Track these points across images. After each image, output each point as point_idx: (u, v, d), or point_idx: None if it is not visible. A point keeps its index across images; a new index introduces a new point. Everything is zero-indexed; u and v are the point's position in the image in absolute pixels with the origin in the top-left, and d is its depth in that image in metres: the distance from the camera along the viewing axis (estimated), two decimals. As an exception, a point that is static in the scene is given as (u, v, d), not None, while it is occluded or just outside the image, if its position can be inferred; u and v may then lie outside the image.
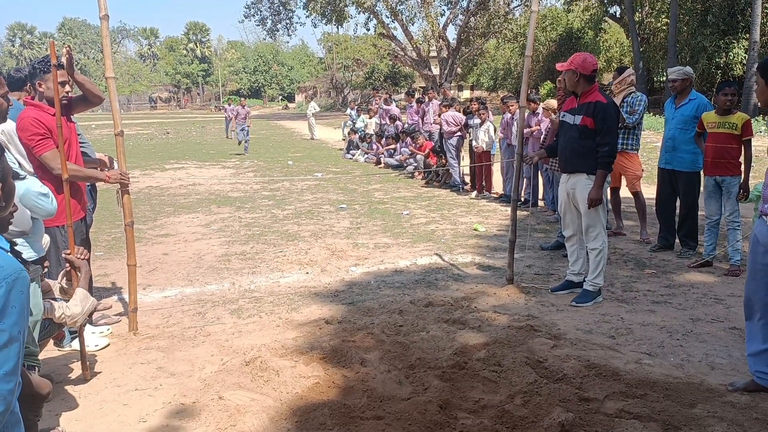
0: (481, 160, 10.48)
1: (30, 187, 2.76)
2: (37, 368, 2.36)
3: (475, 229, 7.85)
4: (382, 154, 15.23)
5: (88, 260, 4.27)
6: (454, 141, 11.16)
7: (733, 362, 3.85)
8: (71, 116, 4.24)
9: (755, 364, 3.45)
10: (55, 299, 3.20)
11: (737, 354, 3.94)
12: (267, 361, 3.78)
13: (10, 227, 2.39)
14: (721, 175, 5.71)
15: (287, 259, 6.54)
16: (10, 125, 3.74)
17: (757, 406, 3.23)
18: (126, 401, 3.48)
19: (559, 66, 5.02)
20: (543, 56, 35.51)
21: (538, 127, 8.64)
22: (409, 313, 4.73)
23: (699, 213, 6.41)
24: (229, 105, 26.94)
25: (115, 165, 4.71)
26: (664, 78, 24.97)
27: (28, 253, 2.80)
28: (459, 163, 11.35)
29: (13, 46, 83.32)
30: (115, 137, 4.34)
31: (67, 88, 4.05)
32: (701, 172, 6.19)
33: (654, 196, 6.88)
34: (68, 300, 3.12)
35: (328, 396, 3.42)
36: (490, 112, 10.71)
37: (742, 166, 5.69)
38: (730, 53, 23.46)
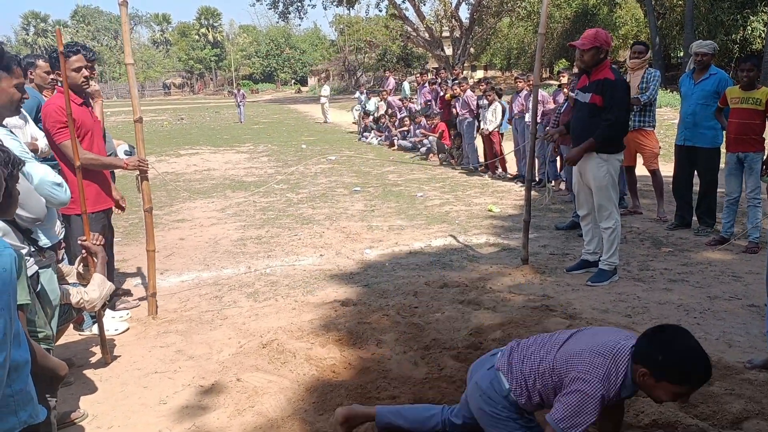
0: (490, 140, 10.42)
1: (44, 177, 2.79)
2: (52, 351, 2.41)
3: (489, 210, 7.83)
4: (396, 136, 15.18)
5: (112, 245, 4.33)
6: (470, 122, 11.07)
7: (751, 340, 3.82)
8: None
9: (774, 341, 3.42)
10: (73, 284, 3.25)
11: (755, 331, 3.91)
12: (284, 343, 3.81)
13: (25, 213, 2.43)
14: (744, 151, 5.61)
15: (302, 243, 6.57)
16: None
17: (775, 384, 3.21)
18: (146, 384, 3.54)
19: (578, 44, 4.87)
20: (557, 34, 34.99)
21: (555, 104, 8.55)
22: (424, 294, 4.75)
23: (717, 190, 6.33)
24: (239, 90, 27.89)
25: (124, 149, 4.78)
26: (681, 54, 24.58)
27: (42, 240, 2.83)
28: (475, 145, 11.27)
29: (28, 34, 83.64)
30: (134, 124, 4.36)
31: (85, 72, 4.09)
32: (721, 149, 6.10)
33: (670, 173, 6.80)
34: (86, 285, 3.17)
35: (345, 377, 3.45)
36: (496, 94, 10.60)
37: (767, 142, 5.60)
38: (748, 27, 22.98)
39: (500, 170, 10.48)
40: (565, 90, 8.13)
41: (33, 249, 2.55)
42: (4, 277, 1.69)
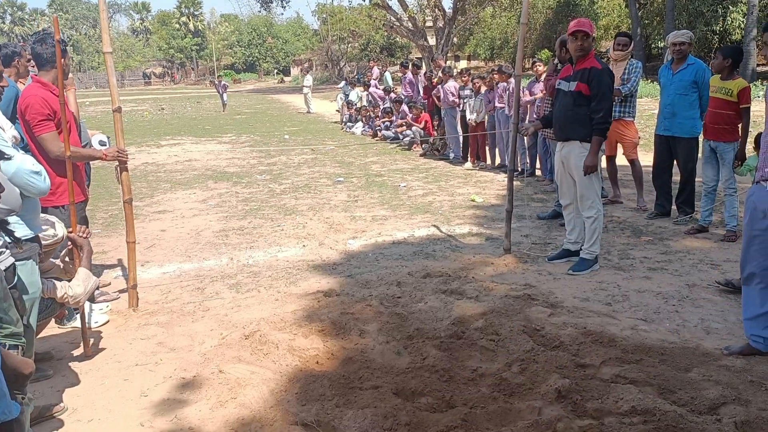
0: (475, 131, 10.44)
1: (21, 165, 2.72)
2: (20, 347, 2.36)
3: (472, 200, 7.85)
4: (379, 126, 15.15)
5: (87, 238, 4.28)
6: (453, 112, 11.07)
7: (729, 326, 3.88)
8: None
9: (751, 327, 3.48)
10: (59, 279, 3.20)
11: (733, 318, 3.98)
12: (266, 334, 3.80)
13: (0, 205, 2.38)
14: (715, 140, 5.69)
15: (285, 233, 6.55)
16: None
17: (752, 369, 3.27)
18: (127, 376, 3.51)
19: (586, 29, 4.79)
20: (539, 24, 35.12)
21: (543, 92, 8.55)
22: (407, 284, 4.75)
23: (697, 179, 6.41)
24: (220, 82, 28.19)
25: (99, 140, 4.75)
26: (662, 44, 24.76)
27: (22, 231, 2.78)
28: (460, 135, 11.27)
29: (4, 23, 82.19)
30: (112, 113, 4.31)
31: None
32: (700, 138, 6.17)
33: (650, 163, 6.87)
34: (70, 279, 3.13)
35: (328, 367, 3.45)
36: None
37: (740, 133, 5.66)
38: (728, 18, 23.22)
39: (482, 161, 10.52)
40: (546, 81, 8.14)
41: (9, 241, 2.51)
42: None
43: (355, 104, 17.81)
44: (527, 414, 2.87)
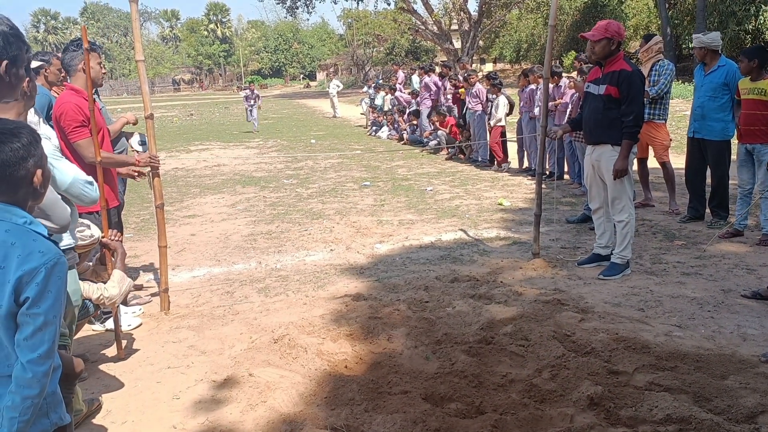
0: (497, 134, 10.41)
1: (77, 176, 2.80)
2: (67, 347, 2.42)
3: (499, 204, 7.80)
4: (405, 130, 15.15)
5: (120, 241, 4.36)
6: (480, 114, 11.02)
7: (766, 333, 3.78)
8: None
9: (789, 334, 3.39)
10: (92, 281, 3.26)
11: (770, 325, 3.88)
12: (295, 338, 3.82)
13: (50, 224, 2.43)
14: (751, 142, 5.57)
15: (312, 238, 6.58)
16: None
17: (790, 377, 3.18)
18: (159, 379, 3.56)
19: (588, 35, 4.80)
20: (567, 26, 34.71)
21: (561, 100, 8.49)
22: (434, 288, 4.74)
23: (730, 182, 6.28)
24: (252, 91, 25.81)
25: (137, 140, 4.83)
26: (692, 44, 24.36)
27: (67, 240, 2.84)
28: (487, 138, 11.22)
29: (38, 32, 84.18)
30: (145, 120, 4.39)
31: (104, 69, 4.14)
32: (731, 141, 6.04)
33: (683, 166, 6.74)
34: (104, 282, 3.19)
35: (356, 372, 3.45)
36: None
37: None
38: (761, 17, 22.71)
39: (505, 164, 10.47)
40: (571, 84, 8.07)
41: None
42: (59, 286, 1.70)
43: (380, 108, 17.83)
44: (559, 421, 2.83)
